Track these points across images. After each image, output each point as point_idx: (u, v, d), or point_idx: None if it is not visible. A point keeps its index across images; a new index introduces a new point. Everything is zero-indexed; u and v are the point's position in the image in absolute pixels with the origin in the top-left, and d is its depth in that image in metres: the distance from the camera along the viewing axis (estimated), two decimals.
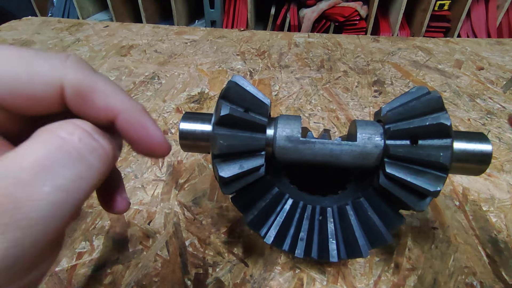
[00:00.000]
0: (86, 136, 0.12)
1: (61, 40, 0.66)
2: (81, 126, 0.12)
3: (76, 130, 0.12)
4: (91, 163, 0.11)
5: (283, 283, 0.25)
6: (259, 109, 0.22)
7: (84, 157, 0.11)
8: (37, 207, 0.10)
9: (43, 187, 0.10)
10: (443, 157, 0.19)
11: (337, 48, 0.63)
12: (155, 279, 0.25)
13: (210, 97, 0.47)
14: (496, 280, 0.25)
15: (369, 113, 0.44)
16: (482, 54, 0.61)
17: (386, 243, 0.22)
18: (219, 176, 0.21)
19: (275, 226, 0.22)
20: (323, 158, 0.22)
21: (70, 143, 0.11)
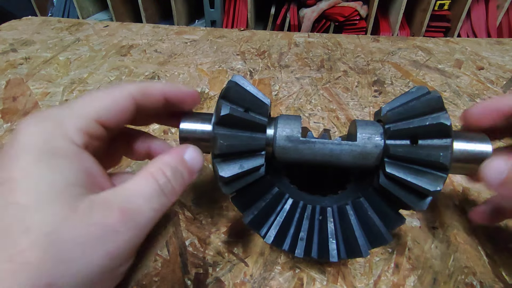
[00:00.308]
0: (169, 177, 0.18)
1: (61, 40, 0.66)
2: (164, 170, 0.18)
3: (162, 172, 0.18)
4: (168, 198, 0.18)
5: (283, 283, 0.25)
6: (259, 109, 0.22)
7: (165, 190, 0.18)
8: (145, 215, 0.17)
9: (146, 207, 0.17)
10: (443, 157, 0.19)
11: (337, 48, 0.63)
12: (155, 279, 0.25)
13: (210, 97, 0.47)
14: (496, 280, 0.25)
15: (369, 113, 0.44)
16: (482, 54, 0.61)
17: (386, 243, 0.22)
18: (219, 176, 0.21)
19: (275, 226, 0.22)
20: (323, 158, 0.22)
21: (159, 180, 0.18)
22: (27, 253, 0.13)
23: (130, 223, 0.16)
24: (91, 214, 0.15)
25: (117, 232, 0.15)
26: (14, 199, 0.14)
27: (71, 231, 0.14)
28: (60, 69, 0.55)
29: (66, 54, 0.60)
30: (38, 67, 0.55)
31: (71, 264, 0.14)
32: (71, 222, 0.15)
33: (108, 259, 0.15)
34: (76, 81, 0.51)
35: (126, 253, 0.16)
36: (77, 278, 0.14)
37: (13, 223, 0.14)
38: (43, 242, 0.14)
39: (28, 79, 0.52)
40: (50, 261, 0.14)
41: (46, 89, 0.49)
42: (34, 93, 0.48)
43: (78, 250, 0.14)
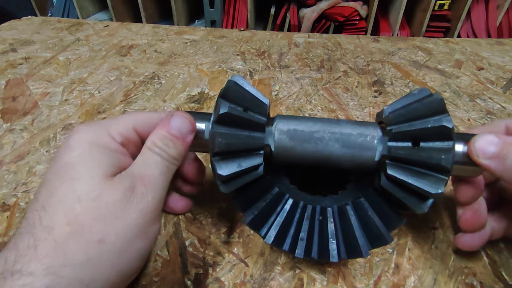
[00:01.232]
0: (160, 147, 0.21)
1: (61, 40, 0.66)
2: (155, 142, 0.22)
3: (154, 144, 0.21)
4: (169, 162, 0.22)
5: (283, 283, 0.25)
6: (258, 108, 0.22)
7: (163, 156, 0.21)
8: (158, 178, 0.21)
9: (156, 171, 0.21)
10: (444, 159, 0.19)
11: (337, 48, 0.63)
12: (155, 279, 0.25)
13: (210, 97, 0.47)
14: (496, 280, 0.25)
15: (369, 113, 0.44)
16: (482, 54, 0.61)
17: (386, 243, 0.22)
18: (217, 174, 0.21)
19: (275, 226, 0.22)
20: (323, 159, 0.22)
21: (155, 150, 0.21)
22: (80, 216, 0.17)
23: (149, 186, 0.20)
24: (122, 182, 0.19)
25: (143, 194, 0.19)
26: (69, 176, 0.18)
27: (111, 196, 0.18)
28: (60, 69, 0.55)
29: (66, 54, 0.60)
30: (38, 67, 0.55)
31: (115, 222, 0.18)
32: (110, 189, 0.18)
33: (141, 217, 0.19)
34: (76, 81, 0.51)
35: (153, 213, 0.20)
36: (122, 234, 0.18)
37: (68, 193, 0.18)
38: (91, 206, 0.18)
39: (28, 79, 0.52)
40: (99, 221, 0.17)
41: (46, 89, 0.49)
42: (34, 93, 0.48)
43: (119, 211, 0.18)
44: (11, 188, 0.33)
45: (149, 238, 0.20)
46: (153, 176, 0.20)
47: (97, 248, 0.17)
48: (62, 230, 0.17)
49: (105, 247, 0.17)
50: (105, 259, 0.17)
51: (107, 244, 0.17)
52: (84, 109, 0.45)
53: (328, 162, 0.23)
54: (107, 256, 0.17)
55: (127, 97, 0.47)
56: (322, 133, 0.22)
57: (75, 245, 0.17)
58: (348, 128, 0.22)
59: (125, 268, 0.18)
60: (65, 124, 0.42)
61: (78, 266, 0.16)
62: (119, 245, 0.18)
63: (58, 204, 0.18)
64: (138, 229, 0.19)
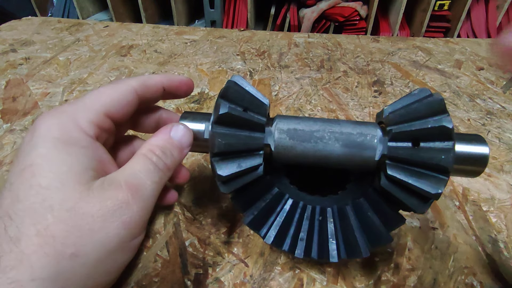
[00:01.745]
0: (159, 155, 0.20)
1: (61, 40, 0.66)
2: (154, 150, 0.20)
3: (152, 152, 0.20)
4: (164, 172, 0.20)
5: (283, 283, 0.25)
6: (257, 108, 0.22)
7: (159, 166, 0.20)
8: (148, 188, 0.19)
9: (147, 181, 0.19)
10: (444, 160, 0.19)
11: (337, 48, 0.63)
12: (155, 279, 0.25)
13: (210, 97, 0.47)
14: (496, 280, 0.25)
15: (369, 113, 0.44)
16: (482, 54, 0.61)
17: (386, 243, 0.22)
18: (217, 174, 0.21)
19: (275, 226, 0.22)
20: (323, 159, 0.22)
21: (152, 158, 0.20)
22: (52, 227, 0.16)
23: (137, 195, 0.18)
24: (104, 191, 0.17)
25: (128, 204, 0.18)
26: (36, 181, 0.16)
27: (89, 206, 0.17)
28: (60, 69, 0.55)
29: (66, 54, 0.60)
30: (38, 67, 0.55)
31: (92, 234, 0.16)
32: (88, 198, 0.17)
33: (123, 229, 0.17)
34: (76, 81, 0.51)
35: (138, 224, 0.18)
36: (98, 247, 0.16)
37: (37, 202, 0.16)
38: (66, 217, 0.16)
39: (28, 79, 0.52)
40: (73, 233, 0.16)
41: (46, 89, 0.49)
42: (34, 93, 0.48)
43: (97, 222, 0.16)
44: None
45: (130, 250, 0.19)
46: (142, 185, 0.19)
47: (69, 262, 0.15)
48: (30, 241, 0.15)
49: (79, 261, 0.16)
50: (78, 273, 0.16)
51: (81, 258, 0.16)
52: None
53: (328, 162, 0.23)
54: (80, 269, 0.16)
55: None
56: (322, 132, 0.22)
57: (45, 258, 0.15)
58: (348, 128, 0.22)
59: (102, 279, 0.17)
60: None
61: (48, 280, 0.15)
62: (95, 257, 0.16)
63: (25, 213, 0.16)
64: (118, 241, 0.17)
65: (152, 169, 0.20)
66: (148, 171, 0.19)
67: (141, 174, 0.19)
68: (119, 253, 0.17)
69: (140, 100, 0.22)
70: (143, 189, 0.19)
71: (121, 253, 0.18)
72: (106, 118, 0.20)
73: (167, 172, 0.21)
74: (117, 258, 0.17)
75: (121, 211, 0.17)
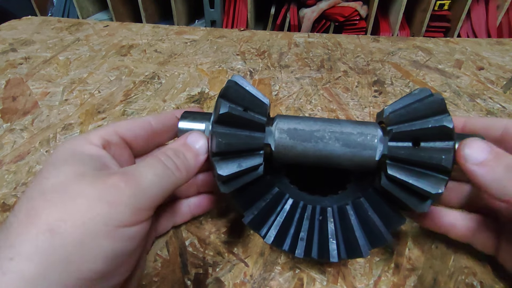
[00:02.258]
0: (169, 155, 0.20)
1: (61, 40, 0.66)
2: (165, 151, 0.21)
3: (163, 153, 0.21)
4: (172, 171, 0.20)
5: (283, 283, 0.25)
6: (258, 108, 0.22)
7: (167, 164, 0.20)
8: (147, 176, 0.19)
9: (148, 172, 0.19)
10: (445, 159, 0.19)
11: (337, 48, 0.63)
12: (155, 279, 0.25)
13: (210, 97, 0.47)
14: (496, 280, 0.25)
15: (369, 113, 0.44)
16: (482, 54, 0.61)
17: (386, 243, 0.22)
18: (217, 174, 0.21)
19: (275, 226, 0.22)
20: (323, 159, 0.22)
21: (161, 157, 0.20)
22: (38, 207, 0.16)
23: (131, 182, 0.18)
24: (98, 179, 0.17)
25: (119, 188, 0.17)
26: (41, 175, 0.18)
27: (79, 188, 0.17)
28: (60, 69, 0.55)
29: (66, 54, 0.60)
30: (38, 67, 0.55)
31: (75, 213, 0.16)
32: (80, 183, 0.17)
33: (109, 209, 0.17)
34: (76, 81, 0.51)
35: (128, 210, 0.17)
36: (80, 226, 0.16)
37: (36, 189, 0.17)
38: (53, 197, 0.16)
39: (27, 79, 0.52)
40: (57, 211, 0.16)
41: (45, 89, 0.49)
42: (34, 93, 0.48)
43: (83, 202, 0.16)
44: (11, 188, 0.33)
45: (117, 239, 0.17)
46: (140, 174, 0.18)
47: (48, 238, 0.15)
48: (19, 222, 0.16)
49: (58, 238, 0.15)
50: (58, 252, 0.15)
51: (60, 235, 0.15)
52: (84, 109, 0.45)
53: (328, 161, 0.23)
54: (60, 249, 0.15)
55: (127, 97, 0.47)
56: (323, 132, 0.22)
57: (25, 235, 0.15)
58: (349, 127, 0.22)
59: (87, 266, 0.16)
60: (65, 124, 0.42)
61: (25, 259, 0.14)
62: (75, 236, 0.15)
63: (23, 200, 0.17)
64: (102, 223, 0.16)
65: (156, 164, 0.19)
66: (151, 165, 0.19)
67: (143, 167, 0.19)
68: (105, 239, 0.16)
69: (155, 129, 0.24)
70: (141, 178, 0.18)
71: (106, 239, 0.16)
72: (116, 135, 0.22)
73: (176, 172, 0.20)
74: (103, 243, 0.16)
75: (109, 192, 0.17)
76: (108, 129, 0.22)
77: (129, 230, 0.17)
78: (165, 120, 0.25)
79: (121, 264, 0.18)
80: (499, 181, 0.19)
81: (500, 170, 0.19)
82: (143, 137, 0.24)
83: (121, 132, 0.23)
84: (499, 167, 0.19)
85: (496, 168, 0.19)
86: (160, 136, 0.25)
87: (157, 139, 0.25)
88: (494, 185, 0.19)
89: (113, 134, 0.22)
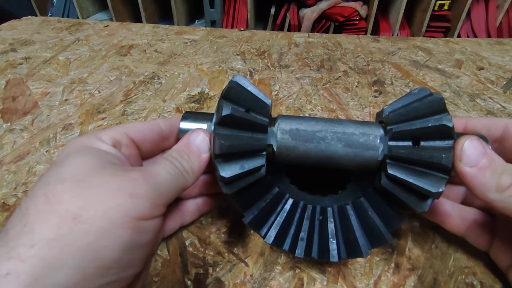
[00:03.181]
0: (174, 156, 0.21)
1: (61, 40, 0.66)
2: (171, 153, 0.22)
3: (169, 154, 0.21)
4: (180, 171, 0.21)
5: (283, 283, 0.25)
6: (260, 109, 0.22)
7: (175, 163, 0.21)
8: (162, 174, 0.20)
9: (162, 170, 0.20)
10: (445, 158, 0.19)
11: (337, 48, 0.63)
12: (155, 279, 0.25)
13: (210, 97, 0.47)
14: (496, 280, 0.25)
15: (369, 113, 0.44)
16: (482, 54, 0.61)
17: (387, 243, 0.22)
18: (220, 176, 0.21)
19: (275, 226, 0.22)
20: (324, 159, 0.22)
21: (168, 158, 0.21)
22: (59, 194, 0.16)
23: (149, 177, 0.19)
24: (117, 172, 0.18)
25: (137, 181, 0.18)
26: (55, 165, 0.18)
27: (99, 179, 0.17)
28: (60, 69, 0.55)
29: (66, 54, 0.60)
30: (38, 67, 0.55)
31: (97, 202, 0.16)
32: (100, 175, 0.18)
33: (130, 201, 0.17)
34: (76, 81, 0.51)
35: (146, 202, 0.18)
36: (102, 215, 0.16)
37: (52, 176, 0.17)
38: (75, 186, 0.17)
39: (28, 79, 0.52)
40: (79, 199, 0.16)
41: (46, 89, 0.49)
42: (34, 93, 0.48)
43: (104, 192, 0.17)
44: (11, 188, 0.33)
45: (135, 230, 0.17)
46: (156, 172, 0.19)
47: (71, 225, 0.15)
48: (37, 208, 0.16)
49: (81, 226, 0.15)
50: (79, 240, 0.15)
51: (84, 223, 0.15)
52: (84, 109, 0.45)
53: (330, 162, 0.23)
54: (82, 236, 0.15)
55: (127, 97, 0.47)
56: (325, 133, 0.22)
57: (46, 223, 0.15)
58: (351, 128, 0.22)
59: (103, 254, 0.16)
60: (65, 124, 0.42)
61: (46, 245, 0.15)
62: (98, 225, 0.16)
63: (39, 185, 0.17)
64: (122, 213, 0.17)
65: (168, 164, 0.20)
66: (164, 165, 0.20)
67: (156, 166, 0.20)
68: (123, 229, 0.17)
69: (164, 132, 0.25)
70: (156, 175, 0.19)
71: (125, 230, 0.17)
72: (125, 135, 0.23)
73: (184, 172, 0.21)
74: (122, 233, 0.17)
75: (129, 184, 0.18)
76: (118, 129, 0.23)
77: (146, 223, 0.18)
78: (175, 124, 0.25)
79: (135, 257, 0.18)
80: (484, 184, 0.19)
81: (488, 174, 0.19)
82: (152, 140, 0.24)
83: (131, 134, 0.23)
84: (488, 171, 0.19)
85: (486, 173, 0.19)
86: (168, 140, 0.26)
87: (165, 143, 0.26)
88: (480, 187, 0.20)
89: (123, 135, 0.22)
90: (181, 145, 0.22)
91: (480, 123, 0.25)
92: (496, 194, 0.19)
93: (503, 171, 0.19)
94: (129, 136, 0.23)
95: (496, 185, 0.19)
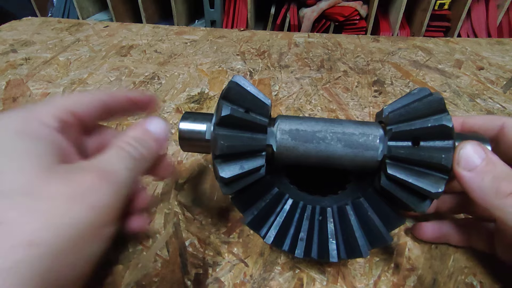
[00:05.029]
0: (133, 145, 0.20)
1: (61, 40, 0.66)
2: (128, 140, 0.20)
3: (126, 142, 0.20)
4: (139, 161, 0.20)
5: (283, 283, 0.25)
6: (259, 109, 0.22)
7: (134, 154, 0.19)
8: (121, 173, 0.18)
9: (121, 167, 0.18)
10: (444, 159, 0.19)
11: (337, 48, 0.63)
12: (155, 279, 0.25)
13: (210, 97, 0.47)
14: (496, 280, 0.25)
15: (369, 113, 0.44)
16: (482, 54, 0.61)
17: (386, 243, 0.22)
18: (219, 176, 0.21)
19: (275, 226, 0.22)
20: (324, 159, 0.22)
21: (126, 148, 0.19)
22: (9, 213, 0.14)
23: (108, 180, 0.17)
24: (70, 175, 0.16)
25: (97, 188, 0.16)
26: None
27: (52, 189, 0.15)
28: (60, 70, 0.55)
29: (66, 54, 0.60)
30: (38, 67, 0.55)
31: (54, 219, 0.14)
32: (50, 182, 0.15)
33: (93, 213, 0.16)
34: (76, 81, 0.51)
35: (109, 210, 0.17)
36: (61, 234, 0.14)
37: None
38: (23, 201, 0.14)
39: (28, 79, 0.52)
40: (31, 218, 0.14)
41: (46, 89, 0.49)
42: (34, 94, 0.48)
43: (61, 206, 0.15)
44: None
45: (101, 240, 0.16)
46: (114, 171, 0.18)
47: (26, 251, 0.13)
48: None
49: (38, 250, 0.13)
50: (36, 265, 0.13)
51: (41, 246, 0.13)
52: None
53: (330, 162, 0.23)
54: (39, 261, 0.13)
55: None
56: (325, 133, 0.22)
57: (1, 249, 0.13)
58: (350, 128, 0.22)
59: (66, 272, 0.15)
60: None
61: (5, 272, 0.13)
62: (58, 246, 0.14)
63: None
64: (86, 227, 0.15)
65: (126, 157, 0.19)
66: (122, 158, 0.19)
67: (114, 160, 0.18)
68: (87, 242, 0.15)
69: (106, 108, 0.22)
70: (115, 175, 0.17)
71: (89, 242, 0.15)
72: (71, 115, 0.20)
73: (143, 161, 0.20)
74: (84, 247, 0.15)
75: (89, 193, 0.16)
76: (59, 105, 0.19)
77: (109, 230, 0.17)
78: (118, 96, 0.23)
79: (95, 261, 0.17)
80: (483, 189, 0.19)
81: (487, 180, 0.19)
82: (95, 113, 0.22)
83: (74, 109, 0.20)
84: (487, 177, 0.19)
85: (485, 178, 0.19)
86: (111, 113, 0.23)
87: (108, 116, 0.23)
88: (478, 192, 0.19)
89: (68, 114, 0.19)
90: (138, 132, 0.21)
91: (478, 122, 0.25)
92: (495, 200, 0.19)
93: (505, 177, 0.19)
94: (74, 114, 0.20)
95: (496, 191, 0.19)
